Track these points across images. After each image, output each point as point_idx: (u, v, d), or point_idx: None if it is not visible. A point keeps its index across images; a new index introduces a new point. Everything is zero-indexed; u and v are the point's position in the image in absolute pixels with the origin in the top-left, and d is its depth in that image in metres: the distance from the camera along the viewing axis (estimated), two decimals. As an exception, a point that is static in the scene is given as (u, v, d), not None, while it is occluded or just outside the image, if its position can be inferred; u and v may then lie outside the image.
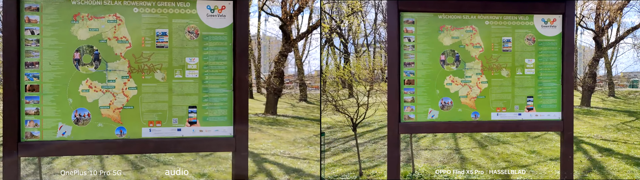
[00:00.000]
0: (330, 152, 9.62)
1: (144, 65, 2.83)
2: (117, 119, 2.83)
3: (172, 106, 2.86)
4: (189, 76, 2.85)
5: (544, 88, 3.22)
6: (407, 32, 3.14)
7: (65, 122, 2.77)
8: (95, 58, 2.78)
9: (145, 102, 2.84)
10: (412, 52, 3.14)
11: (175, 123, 2.87)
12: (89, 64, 2.78)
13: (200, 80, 2.86)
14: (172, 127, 2.87)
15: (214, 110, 2.89)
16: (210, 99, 2.88)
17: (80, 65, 2.77)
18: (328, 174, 7.54)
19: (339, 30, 22.13)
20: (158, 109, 2.85)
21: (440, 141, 10.39)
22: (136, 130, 2.84)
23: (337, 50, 23.86)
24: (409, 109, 3.16)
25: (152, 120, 2.85)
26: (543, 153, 8.78)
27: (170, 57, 2.84)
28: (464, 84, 3.17)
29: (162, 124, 2.86)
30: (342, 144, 10.66)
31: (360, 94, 9.79)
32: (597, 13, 17.30)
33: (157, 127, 2.86)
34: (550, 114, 3.23)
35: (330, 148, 10.02)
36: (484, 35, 3.17)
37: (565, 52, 3.20)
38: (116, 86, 2.81)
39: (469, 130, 3.19)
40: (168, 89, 2.85)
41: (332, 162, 8.60)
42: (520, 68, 3.20)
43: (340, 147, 10.20)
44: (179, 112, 2.87)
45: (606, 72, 23.55)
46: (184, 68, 2.85)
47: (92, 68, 2.78)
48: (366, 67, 12.24)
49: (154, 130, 2.86)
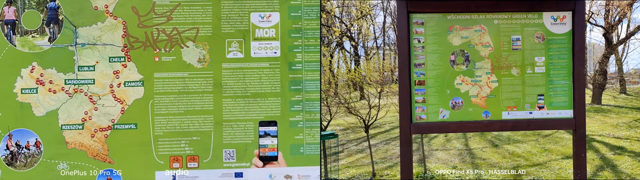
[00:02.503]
0: (343, 153, 9.56)
1: (503, 63, 3.13)
2: (483, 105, 3.13)
3: (525, 95, 3.14)
4: (537, 71, 3.14)
5: (555, 86, 3.17)
6: (416, 33, 3.11)
7: (445, 108, 3.11)
8: (466, 59, 3.11)
9: (504, 91, 3.13)
10: (422, 53, 3.12)
11: (527, 107, 3.15)
12: (461, 64, 3.11)
13: (546, 74, 3.15)
14: (525, 110, 3.14)
15: (558, 98, 3.16)
16: (554, 88, 3.16)
17: (454, 64, 3.11)
18: (342, 176, 7.50)
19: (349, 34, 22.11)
20: (514, 97, 3.14)
21: (452, 141, 10.29)
22: (497, 113, 3.13)
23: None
24: (420, 109, 3.13)
25: (509, 106, 3.14)
26: (555, 151, 8.67)
27: (523, 57, 3.13)
28: (474, 83, 3.14)
29: (518, 108, 3.14)
30: (355, 145, 10.60)
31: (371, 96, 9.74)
32: (606, 9, 17.06)
33: (513, 111, 3.14)
34: (562, 112, 3.17)
35: (344, 149, 9.97)
36: (493, 34, 3.13)
37: (576, 49, 3.15)
38: (482, 80, 3.12)
39: (480, 129, 3.18)
40: (521, 82, 3.13)
41: (345, 164, 8.54)
42: (530, 66, 3.15)
43: (353, 149, 10.15)
44: (530, 99, 3.15)
45: (617, 69, 23.26)
46: (534, 65, 3.14)
47: (464, 67, 3.11)
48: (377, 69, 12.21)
49: (511, 113, 3.14)
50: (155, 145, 2.31)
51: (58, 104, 2.29)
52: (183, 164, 2.32)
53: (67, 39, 2.31)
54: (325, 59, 11.04)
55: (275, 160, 2.32)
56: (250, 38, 2.36)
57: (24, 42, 2.30)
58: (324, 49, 11.23)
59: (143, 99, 2.32)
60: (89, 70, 2.31)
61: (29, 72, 2.29)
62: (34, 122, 2.28)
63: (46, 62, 2.29)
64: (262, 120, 2.35)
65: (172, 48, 2.34)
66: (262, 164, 2.31)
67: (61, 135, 2.28)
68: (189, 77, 2.34)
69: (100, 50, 2.32)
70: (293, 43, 2.39)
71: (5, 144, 2.26)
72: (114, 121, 2.31)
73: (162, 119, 2.32)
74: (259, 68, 2.36)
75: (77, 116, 2.29)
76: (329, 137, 6.35)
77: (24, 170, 2.27)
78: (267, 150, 2.32)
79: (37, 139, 2.27)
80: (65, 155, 2.28)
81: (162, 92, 2.33)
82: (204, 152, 2.33)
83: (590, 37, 43.14)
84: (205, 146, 2.33)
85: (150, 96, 2.32)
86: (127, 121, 2.31)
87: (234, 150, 2.34)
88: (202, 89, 2.33)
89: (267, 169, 2.32)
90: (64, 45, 2.31)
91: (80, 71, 2.31)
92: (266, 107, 2.37)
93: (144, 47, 2.33)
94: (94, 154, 2.29)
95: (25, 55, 2.29)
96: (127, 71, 2.32)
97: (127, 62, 2.32)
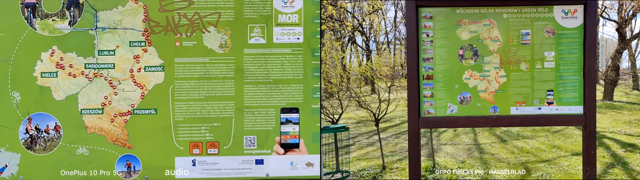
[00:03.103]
0: (354, 146, 9.57)
1: (512, 58, 3.10)
2: (492, 100, 3.11)
3: (534, 90, 3.12)
4: (547, 66, 3.11)
5: (565, 81, 3.13)
6: (425, 27, 3.09)
7: (453, 103, 3.10)
8: (474, 53, 3.09)
9: (512, 87, 3.11)
10: (430, 47, 3.10)
11: (536, 103, 3.13)
12: (470, 58, 3.09)
13: (556, 69, 3.11)
14: (534, 106, 3.12)
15: (567, 93, 3.13)
16: (564, 84, 3.12)
17: (463, 59, 3.09)
18: (353, 168, 7.51)
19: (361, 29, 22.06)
20: (523, 92, 3.12)
21: (461, 136, 10.25)
22: (506, 108, 3.12)
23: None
24: (429, 104, 3.12)
25: (518, 101, 3.12)
26: (565, 148, 8.60)
27: (532, 51, 3.10)
28: (482, 78, 3.12)
29: (526, 104, 3.12)
30: (366, 138, 10.60)
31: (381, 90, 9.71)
32: (620, 3, 16.78)
33: (522, 107, 3.12)
34: (572, 108, 3.13)
35: (355, 142, 9.98)
36: (502, 28, 3.09)
37: (587, 44, 3.09)
38: (490, 75, 3.10)
39: (488, 124, 3.14)
40: (530, 77, 3.11)
41: (356, 156, 8.55)
42: (540, 61, 3.11)
43: (364, 142, 10.14)
44: (539, 95, 3.13)
45: (630, 64, 22.95)
46: (543, 60, 3.10)
47: (472, 61, 3.09)
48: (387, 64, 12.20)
49: (520, 108, 3.12)
50: (175, 131, 2.30)
51: (78, 88, 2.28)
52: (203, 150, 2.31)
53: (88, 22, 2.30)
54: (337, 53, 11.00)
55: (297, 148, 2.31)
56: (272, 23, 2.34)
57: (44, 25, 2.28)
58: (336, 44, 11.19)
59: (163, 84, 2.30)
60: (109, 54, 2.29)
61: (49, 56, 2.27)
62: (54, 106, 2.27)
63: (66, 46, 2.28)
64: (284, 107, 2.33)
65: (193, 33, 2.32)
66: (284, 151, 2.30)
67: (81, 119, 2.27)
68: (210, 62, 2.31)
69: (121, 34, 2.30)
70: (316, 29, 2.38)
71: (25, 127, 2.26)
72: (133, 106, 2.29)
73: (183, 105, 2.30)
74: (281, 54, 2.33)
75: (97, 101, 2.29)
76: (340, 130, 6.36)
77: (43, 154, 2.27)
78: (288, 138, 2.31)
79: (56, 123, 2.26)
80: (85, 140, 2.27)
81: (182, 78, 2.30)
82: (225, 139, 2.32)
83: (602, 32, 42.43)
84: (226, 132, 2.32)
85: (171, 81, 2.30)
86: (147, 106, 2.29)
87: (255, 137, 2.33)
88: (224, 74, 2.30)
89: (288, 157, 2.31)
90: (84, 29, 2.30)
91: (101, 55, 2.29)
92: (288, 94, 2.34)
93: (165, 31, 2.31)
94: (113, 139, 2.28)
95: (46, 38, 2.27)
96: (148, 56, 2.30)
97: (147, 46, 2.30)
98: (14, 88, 2.23)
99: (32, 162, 2.23)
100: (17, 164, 2.22)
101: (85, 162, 2.24)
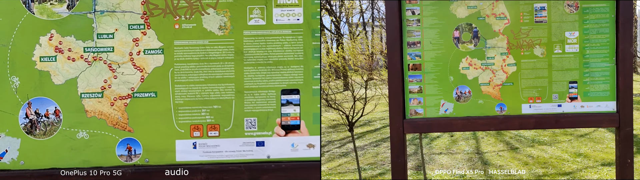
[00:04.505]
0: (324, 157, 9.56)
1: (523, 41, 3.14)
2: (497, 96, 3.16)
3: (552, 82, 3.16)
4: (568, 51, 3.14)
5: (593, 70, 3.16)
6: (410, 2, 3.10)
7: (447, 100, 3.15)
8: (474, 36, 3.13)
9: (524, 78, 3.16)
10: (417, 28, 3.11)
11: (555, 99, 3.17)
12: (468, 42, 3.12)
13: (580, 54, 3.15)
14: (553, 103, 3.17)
15: (596, 85, 3.17)
16: (592, 73, 3.16)
17: (459, 43, 3.12)
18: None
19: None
20: (538, 85, 3.16)
21: (459, 143, 10.34)
22: (516, 106, 3.17)
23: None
24: (416, 101, 3.13)
25: (531, 97, 3.17)
26: (593, 156, 8.74)
27: (549, 31, 3.14)
28: (485, 67, 3.14)
29: (542, 99, 3.17)
30: (337, 147, 10.61)
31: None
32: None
33: (537, 103, 3.17)
34: (601, 105, 3.17)
35: (324, 153, 9.98)
36: (509, 2, 3.11)
37: (621, 22, 3.10)
38: (495, 63, 3.15)
39: (493, 127, 3.19)
40: (548, 65, 3.14)
41: (325, 171, 8.53)
42: (560, 44, 3.14)
43: (336, 152, 10.14)
44: (559, 88, 3.17)
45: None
46: (564, 43, 3.14)
47: (472, 46, 3.13)
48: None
49: (534, 106, 3.17)
50: (176, 113, 2.80)
51: (77, 72, 2.75)
52: (204, 132, 2.82)
53: (86, 6, 2.75)
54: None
55: (298, 129, 2.80)
56: (272, 5, 2.78)
57: (43, 9, 2.73)
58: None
59: (163, 67, 2.77)
60: (108, 37, 2.76)
61: (47, 40, 2.73)
62: (53, 90, 2.74)
63: (65, 30, 2.73)
64: (284, 88, 2.80)
65: (192, 15, 2.75)
66: (284, 132, 2.79)
67: (80, 103, 2.76)
68: (209, 44, 2.77)
69: (120, 17, 2.76)
70: (316, 10, 2.79)
71: (24, 112, 2.74)
72: (133, 89, 2.77)
73: (183, 88, 2.79)
74: (281, 35, 2.78)
75: (97, 84, 2.76)
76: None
77: (43, 139, 2.77)
78: (289, 119, 2.79)
79: (56, 107, 2.75)
80: (85, 124, 2.76)
81: (182, 60, 2.78)
82: (225, 121, 2.81)
83: None
84: (226, 115, 2.81)
85: (170, 64, 2.77)
86: (147, 89, 2.78)
87: (255, 118, 2.82)
88: (223, 56, 2.78)
89: (289, 138, 2.81)
90: (82, 12, 2.75)
91: (100, 39, 2.76)
92: (288, 75, 2.80)
93: (164, 14, 2.75)
94: (113, 123, 2.77)
95: (44, 22, 2.72)
96: (147, 39, 2.76)
97: (146, 29, 2.77)
98: (13, 73, 2.71)
99: (32, 147, 2.73)
100: (17, 149, 2.71)
101: (85, 146, 2.74)
